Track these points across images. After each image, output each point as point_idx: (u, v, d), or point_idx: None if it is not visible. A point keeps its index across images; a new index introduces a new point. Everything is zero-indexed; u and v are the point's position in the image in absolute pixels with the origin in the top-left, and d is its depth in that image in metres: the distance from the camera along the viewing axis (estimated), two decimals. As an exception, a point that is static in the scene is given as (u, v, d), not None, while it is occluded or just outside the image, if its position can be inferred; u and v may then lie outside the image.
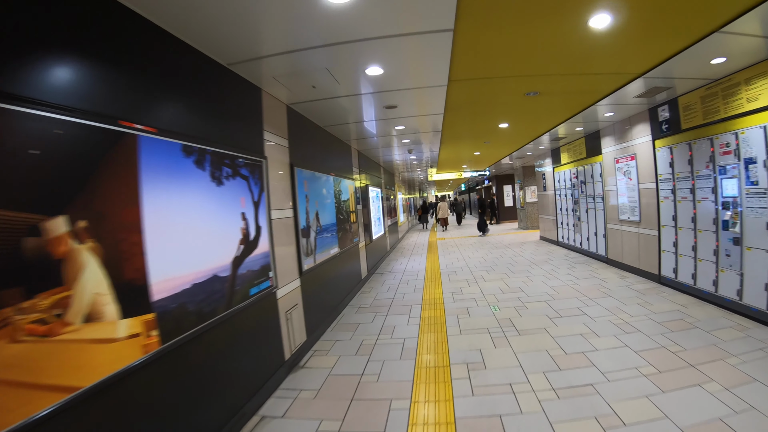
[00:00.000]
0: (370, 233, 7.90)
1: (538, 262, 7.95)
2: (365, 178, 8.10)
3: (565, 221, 9.36)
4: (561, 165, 9.40)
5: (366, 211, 7.71)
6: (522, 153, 10.43)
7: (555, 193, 9.96)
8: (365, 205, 7.75)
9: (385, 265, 8.90)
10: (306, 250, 4.29)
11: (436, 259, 9.15)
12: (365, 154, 8.13)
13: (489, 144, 8.16)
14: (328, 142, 5.57)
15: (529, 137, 7.71)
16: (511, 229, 15.97)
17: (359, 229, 7.01)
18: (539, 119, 6.06)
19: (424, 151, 8.31)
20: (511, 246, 10.55)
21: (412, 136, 6.42)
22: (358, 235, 6.86)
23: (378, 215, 9.11)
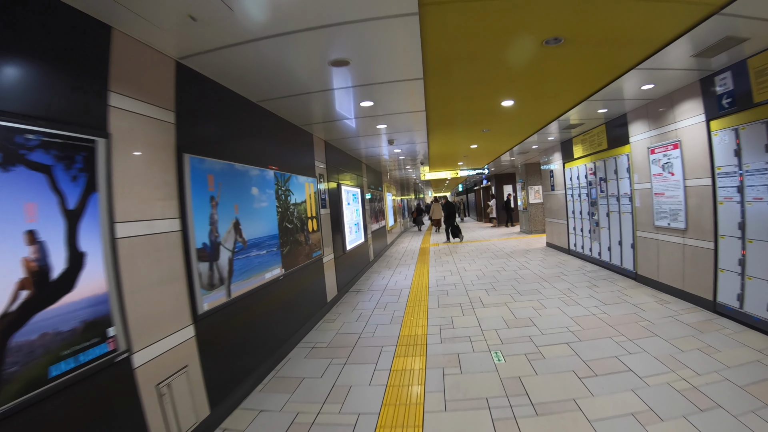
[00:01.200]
0: (342, 243, 6.48)
1: (548, 276, 6.53)
2: (337, 176, 6.68)
3: (579, 226, 7.94)
4: (573, 160, 7.99)
5: (336, 217, 6.29)
6: (526, 147, 9.02)
7: (566, 193, 8.55)
8: (336, 209, 6.32)
9: (365, 279, 7.47)
10: (209, 281, 2.86)
11: (426, 272, 7.72)
12: (337, 147, 6.71)
13: (488, 133, 6.73)
14: (268, 126, 4.14)
15: (538, 122, 6.28)
16: (512, 232, 14.55)
17: (324, 239, 5.58)
18: (556, 94, 4.63)
19: (409, 142, 6.88)
20: (514, 254, 9.13)
21: (388, 120, 5.00)
22: (322, 247, 5.43)
23: (356, 220, 7.69)
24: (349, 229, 6.97)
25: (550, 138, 7.82)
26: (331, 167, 6.27)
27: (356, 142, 6.43)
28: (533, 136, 7.46)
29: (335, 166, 6.55)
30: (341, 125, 5.14)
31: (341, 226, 6.51)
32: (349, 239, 6.85)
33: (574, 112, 5.54)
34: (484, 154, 10.29)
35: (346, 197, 6.92)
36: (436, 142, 7.27)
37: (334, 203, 6.24)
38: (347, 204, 6.92)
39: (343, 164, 7.11)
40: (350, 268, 7.01)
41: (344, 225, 6.57)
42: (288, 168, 4.50)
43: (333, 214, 6.13)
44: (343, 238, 6.54)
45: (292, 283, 4.37)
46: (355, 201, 7.70)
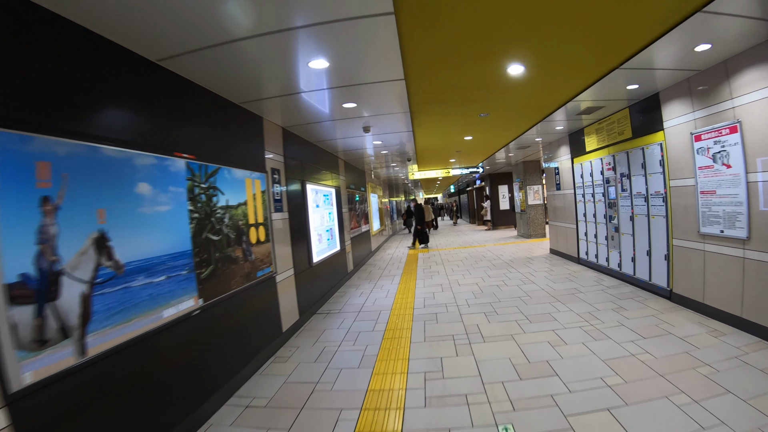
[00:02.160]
0: (307, 255, 5.27)
1: (560, 294, 5.39)
2: (302, 172, 5.47)
3: (592, 232, 6.84)
4: (585, 154, 6.89)
5: (299, 223, 5.08)
6: (528, 140, 7.91)
7: (575, 193, 7.45)
8: (298, 214, 5.11)
9: (339, 297, 6.25)
10: (37, 335, 1.68)
11: (412, 287, 6.54)
12: (300, 137, 5.50)
13: (487, 119, 5.56)
14: (176, 97, 2.92)
15: (547, 104, 5.14)
16: (509, 237, 13.45)
17: (277, 252, 4.37)
18: (579, 60, 3.49)
19: (391, 131, 5.69)
20: (514, 263, 8.00)
21: (356, 93, 3.81)
22: (274, 263, 4.21)
23: (329, 225, 6.48)
24: (318, 236, 5.75)
25: (558, 128, 6.71)
26: (291, 162, 5.06)
27: (326, 130, 5.24)
28: (539, 125, 6.33)
29: (299, 160, 5.34)
30: (297, 103, 3.95)
31: (306, 234, 5.30)
32: (317, 249, 5.64)
33: (596, 89, 4.41)
34: (479, 149, 9.16)
35: (315, 198, 5.72)
36: (424, 131, 6.10)
37: (295, 206, 5.02)
38: (315, 207, 5.71)
39: (310, 159, 5.90)
40: (319, 284, 5.80)
41: (310, 232, 5.36)
42: (215, 158, 3.28)
43: (294, 220, 4.92)
44: (308, 248, 5.33)
45: (219, 315, 3.15)
46: (328, 203, 6.50)
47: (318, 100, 3.89)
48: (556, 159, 8.21)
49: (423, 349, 3.80)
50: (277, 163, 4.59)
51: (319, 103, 3.97)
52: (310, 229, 5.35)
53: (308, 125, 4.84)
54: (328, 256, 6.25)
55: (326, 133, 5.44)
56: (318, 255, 5.65)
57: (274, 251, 4.21)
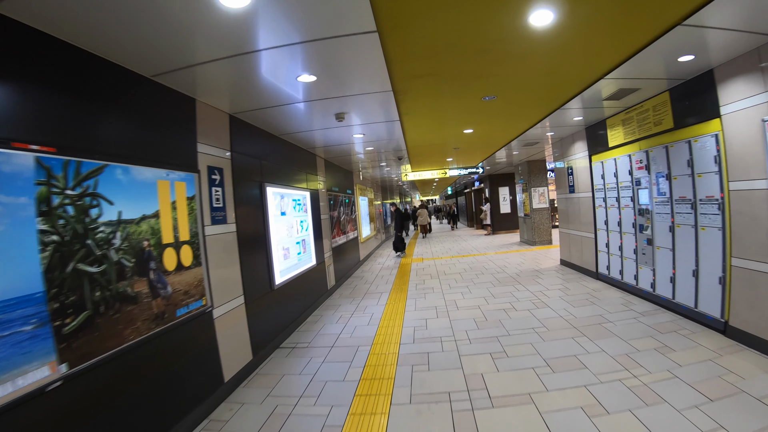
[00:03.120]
0: (266, 276, 4.23)
1: (584, 325, 4.37)
2: (259, 172, 4.44)
3: (615, 243, 5.84)
4: (607, 150, 5.89)
5: (254, 236, 4.04)
6: (537, 134, 6.92)
7: (593, 197, 6.45)
8: (253, 224, 4.08)
9: (311, 323, 5.21)
10: None
11: (401, 309, 5.51)
12: (261, 129, 4.48)
13: (492, 103, 4.46)
14: (13, 62, 1.90)
15: (571, 83, 4.14)
16: (512, 243, 12.45)
17: (213, 278, 3.34)
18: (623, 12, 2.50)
19: (373, 120, 4.67)
20: (521, 277, 6.99)
21: (313, 53, 2.80)
22: (208, 294, 3.18)
23: (302, 237, 5.44)
24: (285, 251, 4.72)
25: (576, 118, 5.70)
26: (244, 159, 4.03)
27: (291, 119, 4.21)
28: (554, 115, 5.33)
29: (256, 157, 4.31)
30: (242, 76, 2.92)
31: (265, 250, 4.27)
32: (282, 267, 4.60)
33: (638, 62, 3.41)
34: (480, 146, 8.15)
35: (280, 204, 4.68)
36: (414, 121, 5.07)
37: (248, 215, 3.99)
38: (281, 214, 4.67)
39: (274, 156, 4.87)
40: (286, 310, 4.77)
41: (272, 247, 4.32)
42: (99, 150, 2.25)
43: (246, 233, 3.89)
44: (269, 267, 4.30)
45: (105, 382, 2.12)
46: (301, 209, 5.46)
47: (267, 69, 2.86)
48: (570, 157, 7.22)
49: (407, 419, 2.76)
50: (220, 161, 3.56)
51: (268, 73, 2.95)
52: (272, 243, 4.31)
53: (263, 111, 3.79)
54: (300, 273, 5.21)
55: (292, 124, 4.41)
56: (283, 274, 4.61)
57: (208, 277, 3.17)
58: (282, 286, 4.57)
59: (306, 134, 5.02)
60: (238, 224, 3.72)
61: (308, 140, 5.45)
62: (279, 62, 2.74)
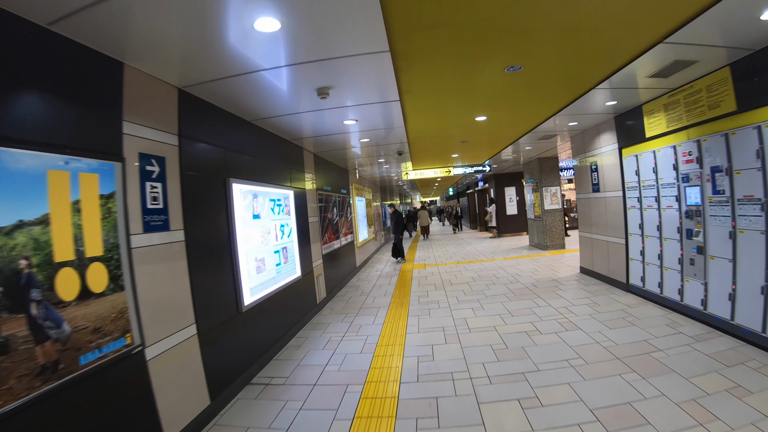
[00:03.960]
0: (231, 295, 3.38)
1: (629, 355, 3.51)
2: (223, 165, 3.60)
3: (653, 250, 4.99)
4: (643, 141, 5.05)
5: (210, 246, 3.20)
6: (559, 125, 6.08)
7: (624, 196, 5.61)
8: (207, 231, 3.24)
9: (292, 349, 4.34)
10: None
11: (401, 332, 4.65)
12: (224, 110, 3.65)
13: (516, 78, 3.55)
14: None
15: (623, 48, 3.29)
16: (521, 248, 11.59)
17: (144, 305, 2.49)
18: None
19: (364, 98, 3.81)
20: (539, 288, 6.14)
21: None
22: (137, 331, 2.34)
23: (282, 244, 4.59)
24: (259, 263, 3.86)
25: (609, 103, 4.83)
26: (198, 146, 3.19)
27: (261, 98, 3.36)
28: (584, 99, 4.50)
29: (218, 145, 3.47)
30: (176, 23, 2.10)
31: (231, 262, 3.42)
32: (254, 284, 3.75)
33: (704, 22, 2.59)
34: (491, 139, 7.30)
35: (251, 205, 3.84)
36: (417, 101, 4.18)
37: (203, 219, 3.15)
38: (253, 217, 3.83)
39: (243, 145, 4.03)
40: (258, 336, 3.92)
41: (239, 259, 3.47)
42: None
43: (199, 242, 3.04)
44: (235, 285, 3.45)
45: None
46: (282, 212, 4.62)
47: (215, 14, 2.03)
48: (593, 152, 6.38)
49: None
50: (161, 147, 2.71)
51: (216, 22, 2.11)
52: (239, 254, 3.46)
53: (219, 84, 2.92)
54: (279, 288, 4.36)
55: (265, 104, 3.56)
56: (256, 292, 3.76)
57: (136, 305, 2.32)
58: (254, 306, 3.72)
59: (285, 120, 4.16)
60: (188, 231, 2.88)
61: (290, 128, 4.60)
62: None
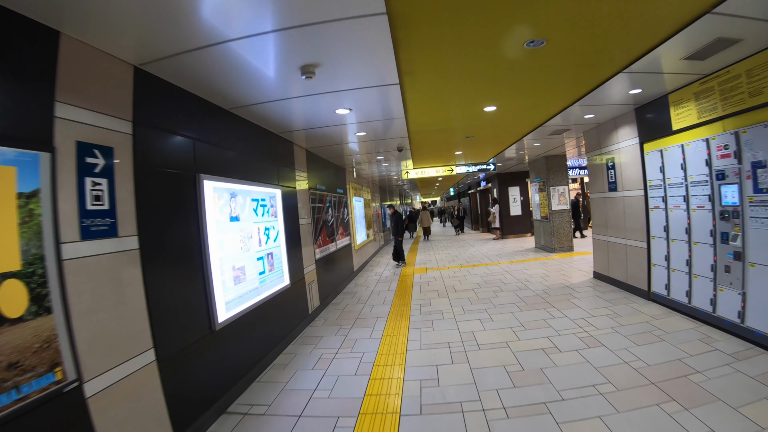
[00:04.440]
0: (203, 312, 2.89)
1: (664, 379, 3.03)
2: (193, 157, 3.14)
3: (681, 255, 4.52)
4: (669, 134, 4.57)
5: (171, 254, 2.72)
6: (568, 119, 5.63)
7: (646, 195, 5.15)
8: (169, 236, 2.77)
9: (278, 369, 3.88)
10: None
11: (401, 349, 4.18)
12: (194, 96, 3.19)
13: (538, 53, 3.02)
14: None
15: (655, 25, 2.83)
16: (526, 250, 11.11)
17: (93, 326, 2.03)
18: None
19: (358, 81, 3.33)
20: (552, 296, 5.67)
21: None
22: (72, 356, 1.87)
23: (267, 249, 4.12)
24: (236, 272, 3.38)
25: (633, 91, 4.34)
26: (159, 136, 2.72)
27: (234, 77, 2.89)
28: (607, 86, 4.03)
29: (184, 136, 3.01)
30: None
31: (202, 273, 2.95)
32: (231, 296, 3.27)
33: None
34: (498, 135, 6.84)
35: (229, 205, 3.37)
36: (420, 83, 3.69)
37: (164, 222, 2.68)
38: (229, 219, 3.35)
39: (218, 137, 3.56)
40: (237, 356, 3.44)
41: (211, 269, 2.99)
42: None
43: (158, 251, 2.58)
44: (207, 299, 2.98)
45: None
46: (266, 213, 4.15)
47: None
48: (610, 147, 5.91)
49: None
50: (109, 136, 2.24)
51: None
52: (212, 262, 2.99)
53: (184, 58, 2.46)
54: (264, 300, 3.89)
55: (241, 86, 3.08)
56: (233, 306, 3.28)
57: (69, 331, 1.86)
58: (231, 323, 3.25)
59: (268, 108, 3.68)
60: (144, 237, 2.41)
61: (276, 119, 4.13)
62: None
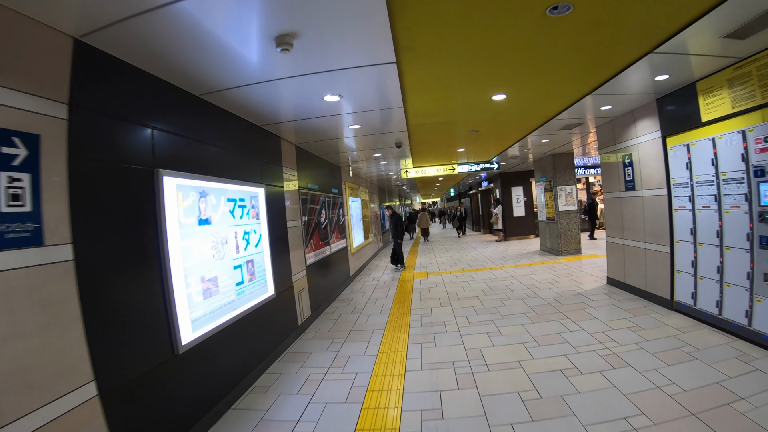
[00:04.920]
0: (164, 335, 2.45)
1: (705, 408, 2.58)
2: (146, 150, 2.71)
3: (711, 262, 4.09)
4: (698, 126, 4.13)
5: (144, 265, 2.29)
6: (583, 111, 5.22)
7: (669, 195, 4.73)
8: (147, 239, 2.34)
9: (256, 396, 3.39)
10: None
11: (400, 370, 3.71)
12: (166, 82, 2.76)
13: (563, 22, 2.59)
14: None
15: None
16: (531, 253, 10.69)
17: (14, 360, 1.60)
18: None
19: (344, 60, 2.90)
20: (564, 305, 5.24)
21: None
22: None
23: (251, 255, 3.68)
24: (206, 285, 2.94)
25: (660, 77, 3.90)
26: (105, 122, 2.29)
27: (198, 51, 2.47)
28: (633, 69, 3.61)
29: (139, 123, 2.58)
30: None
31: (164, 288, 2.50)
32: (198, 312, 2.83)
33: None
34: (505, 129, 6.40)
35: (197, 206, 2.93)
36: (420, 62, 3.22)
37: (110, 226, 2.24)
38: (198, 223, 2.92)
39: (185, 126, 3.11)
40: (207, 380, 3.01)
41: (172, 281, 2.55)
42: None
43: (101, 262, 2.14)
44: (168, 317, 2.54)
45: None
46: (245, 214, 3.72)
47: None
48: (627, 142, 5.49)
49: None
50: (33, 120, 1.80)
51: None
52: (172, 274, 2.55)
53: (132, 24, 2.02)
54: (242, 314, 3.45)
55: (208, 67, 2.66)
56: (201, 324, 2.83)
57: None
58: (200, 343, 2.82)
59: (245, 94, 3.23)
60: (80, 246, 1.98)
61: (256, 108, 3.67)
62: None
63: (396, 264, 9.87)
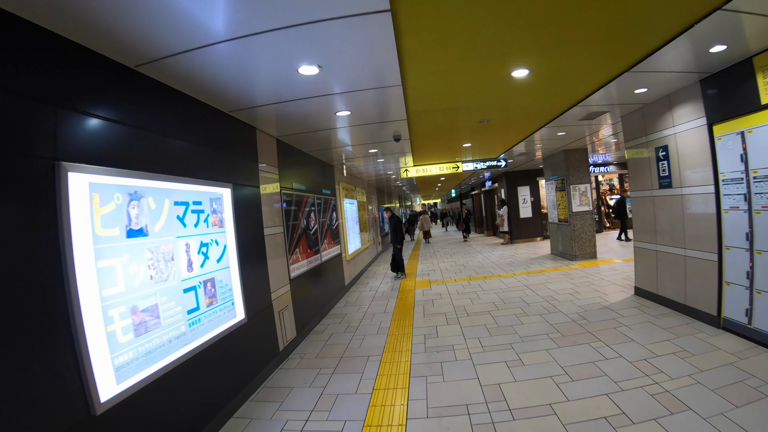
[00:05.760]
0: (77, 391, 1.77)
1: None
2: (47, 136, 2.05)
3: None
4: (757, 110, 3.47)
5: (37, 299, 1.63)
6: (615, 93, 4.56)
7: (717, 194, 4.07)
8: (43, 262, 1.67)
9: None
10: None
11: (397, 425, 3.10)
12: (75, 43, 2.12)
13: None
14: None
15: None
16: (542, 257, 10.01)
17: None
18: None
19: (332, 36, 2.28)
20: (592, 323, 4.55)
21: None
22: None
23: (209, 273, 3.01)
24: (141, 318, 2.24)
25: (716, 48, 3.23)
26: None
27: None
28: (689, 35, 2.96)
29: (40, 100, 1.93)
30: None
31: (71, 326, 1.82)
32: (127, 356, 2.14)
33: None
34: (523, 116, 5.73)
35: (127, 213, 2.24)
36: (421, 21, 2.61)
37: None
38: (126, 235, 2.24)
39: (104, 105, 2.47)
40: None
41: (81, 319, 1.87)
42: None
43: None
44: (78, 366, 1.86)
45: None
46: (202, 222, 3.04)
47: None
48: (662, 132, 4.82)
49: None
50: None
51: None
52: (81, 306, 1.86)
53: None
54: (197, 349, 2.77)
55: (143, 26, 2.01)
56: (133, 371, 2.15)
57: None
58: (131, 395, 2.15)
59: (191, 64, 2.51)
60: None
61: (213, 85, 2.97)
62: None
63: (396, 271, 9.21)
